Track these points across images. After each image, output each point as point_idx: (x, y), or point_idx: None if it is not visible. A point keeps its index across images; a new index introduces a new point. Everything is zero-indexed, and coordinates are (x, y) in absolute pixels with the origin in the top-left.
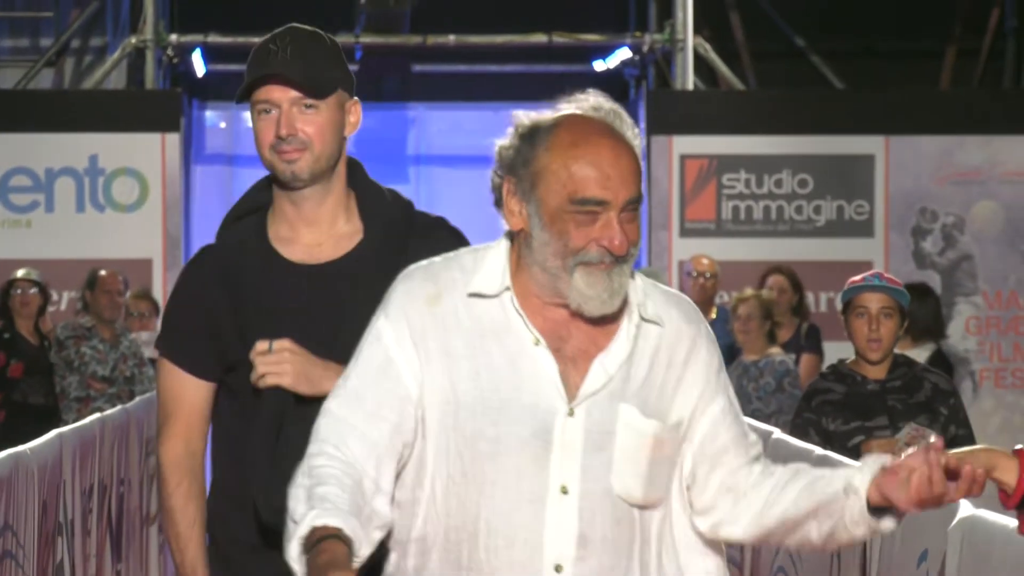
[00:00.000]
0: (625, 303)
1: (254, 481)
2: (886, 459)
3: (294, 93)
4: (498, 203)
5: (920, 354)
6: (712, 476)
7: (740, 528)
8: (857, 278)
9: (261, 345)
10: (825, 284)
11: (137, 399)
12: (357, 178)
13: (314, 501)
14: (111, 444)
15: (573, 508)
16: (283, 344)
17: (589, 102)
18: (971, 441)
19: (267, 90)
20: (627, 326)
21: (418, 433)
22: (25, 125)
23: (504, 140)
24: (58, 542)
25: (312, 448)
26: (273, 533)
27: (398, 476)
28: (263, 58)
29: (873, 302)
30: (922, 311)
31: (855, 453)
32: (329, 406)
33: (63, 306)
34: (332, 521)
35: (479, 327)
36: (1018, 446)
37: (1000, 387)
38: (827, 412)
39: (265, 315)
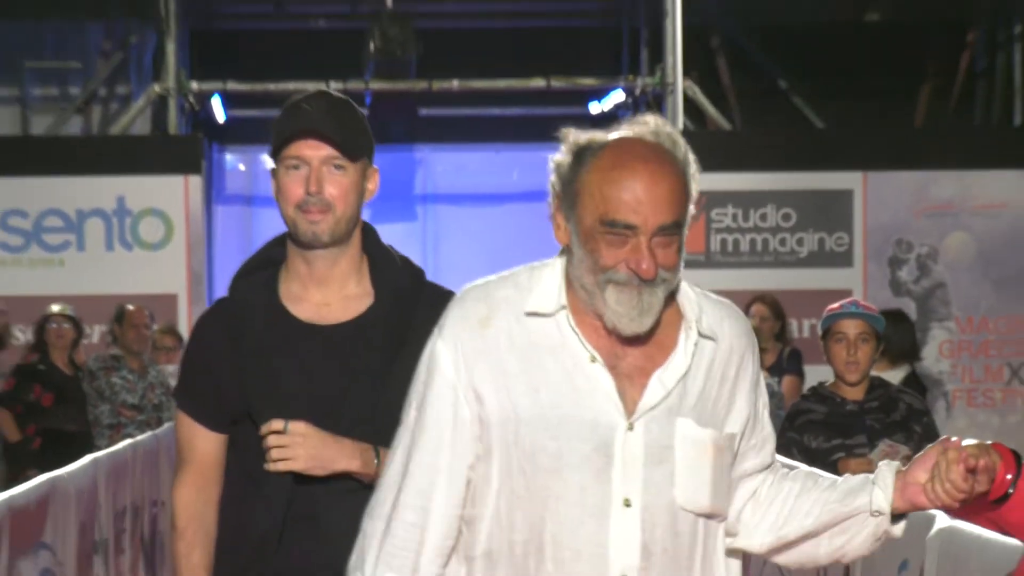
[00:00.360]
0: (679, 319)
1: (261, 556)
2: (895, 466)
3: (325, 152)
4: (551, 216)
5: (896, 376)
6: (738, 493)
7: (757, 539)
8: (835, 306)
9: (276, 424)
10: (808, 311)
11: (166, 425)
12: (371, 243)
13: (382, 554)
14: (143, 467)
15: (636, 520)
16: (298, 428)
17: (649, 126)
18: None
19: (299, 146)
20: (684, 342)
21: (479, 453)
22: (56, 169)
23: (558, 155)
24: (95, 560)
25: (385, 479)
26: None
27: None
28: (297, 115)
29: (851, 328)
30: (898, 336)
31: (834, 469)
32: (406, 450)
33: (95, 339)
34: None
35: (533, 344)
36: (987, 442)
37: (972, 406)
38: (809, 431)
39: (269, 372)
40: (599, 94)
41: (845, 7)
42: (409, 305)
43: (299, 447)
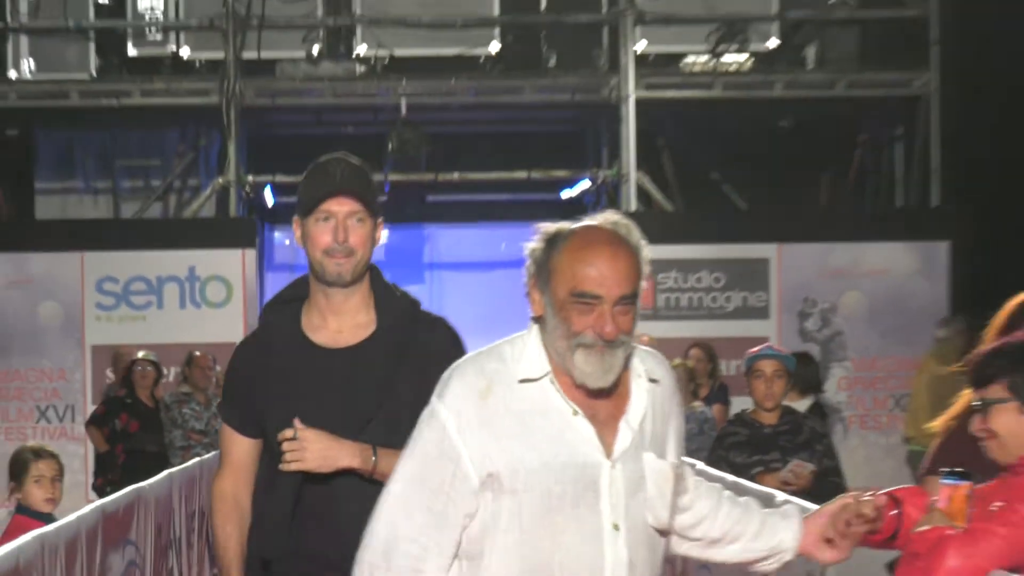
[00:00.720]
0: (629, 373)
1: (272, 539)
2: (797, 514)
3: (349, 207)
4: (528, 293)
5: (803, 404)
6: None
7: (683, 548)
8: (755, 349)
9: (288, 432)
10: (734, 354)
11: None
12: (376, 280)
13: (391, 562)
14: (208, 480)
15: (623, 541)
16: (306, 434)
17: (609, 217)
18: (838, 470)
19: (329, 203)
20: (637, 390)
21: (480, 499)
22: (141, 245)
23: (533, 243)
24: (169, 554)
25: (378, 518)
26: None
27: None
28: (325, 178)
29: (768, 366)
30: (805, 373)
31: (753, 479)
32: (394, 488)
33: (171, 378)
34: None
35: (526, 407)
36: (874, 495)
37: (864, 429)
38: (734, 449)
39: (290, 387)
40: (569, 183)
41: (763, 115)
42: (406, 330)
43: (307, 450)
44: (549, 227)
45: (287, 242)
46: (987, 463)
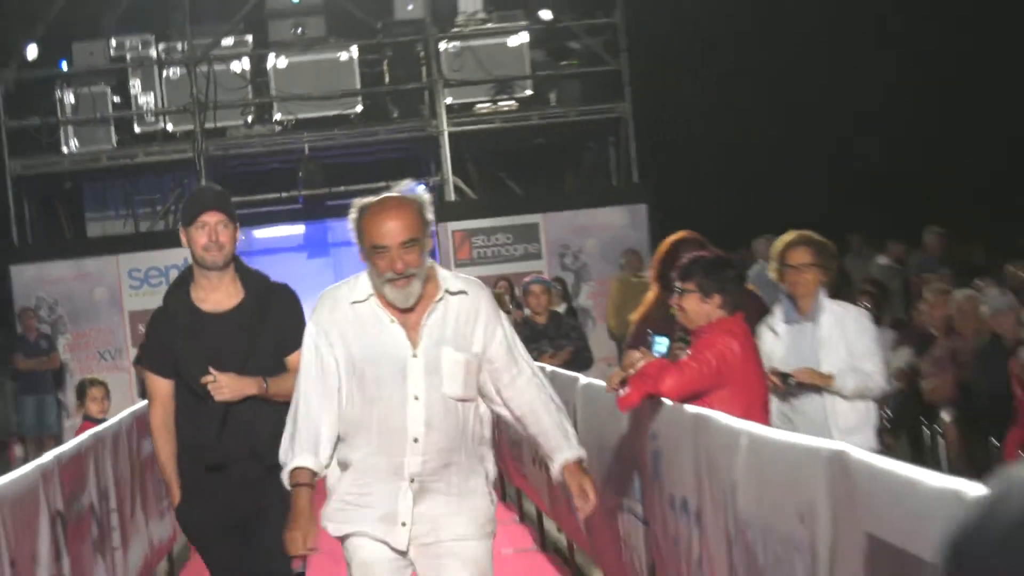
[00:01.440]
0: (436, 292)
1: (209, 442)
2: (573, 457)
3: (217, 217)
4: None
5: (563, 308)
6: (493, 376)
7: (504, 412)
8: (528, 278)
9: (208, 377)
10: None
11: None
12: (239, 264)
13: (294, 444)
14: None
15: (421, 407)
16: (221, 377)
17: (400, 188)
18: (587, 348)
19: (203, 216)
20: (441, 305)
21: (339, 379)
22: (153, 247)
23: (352, 213)
24: None
25: (295, 402)
26: (217, 466)
27: None
28: (202, 199)
29: (537, 288)
30: (564, 289)
31: (536, 359)
32: (300, 383)
33: None
34: (301, 461)
35: (361, 318)
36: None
37: (602, 322)
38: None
39: (194, 341)
40: (411, 188)
41: (527, 136)
42: (264, 296)
43: (224, 388)
44: (360, 201)
45: (242, 237)
46: (669, 332)
